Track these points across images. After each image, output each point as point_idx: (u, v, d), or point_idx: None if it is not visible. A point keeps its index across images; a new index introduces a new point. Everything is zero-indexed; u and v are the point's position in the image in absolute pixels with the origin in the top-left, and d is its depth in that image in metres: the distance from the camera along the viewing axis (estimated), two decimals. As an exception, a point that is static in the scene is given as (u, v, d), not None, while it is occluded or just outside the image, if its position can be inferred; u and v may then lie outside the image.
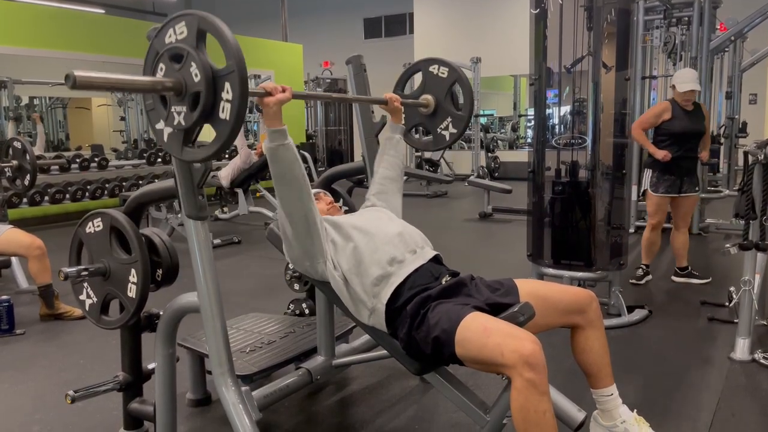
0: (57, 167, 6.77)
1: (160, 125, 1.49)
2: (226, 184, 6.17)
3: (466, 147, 11.02)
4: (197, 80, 1.37)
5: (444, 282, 1.79)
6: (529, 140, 11.04)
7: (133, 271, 1.86)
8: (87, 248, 1.98)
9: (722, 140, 7.22)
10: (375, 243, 1.84)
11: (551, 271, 3.32)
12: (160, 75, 1.43)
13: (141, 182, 7.50)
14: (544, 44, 3.30)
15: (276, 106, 1.64)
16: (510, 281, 1.83)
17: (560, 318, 1.80)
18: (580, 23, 3.15)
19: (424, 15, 12.68)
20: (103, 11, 11.60)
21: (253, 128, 10.50)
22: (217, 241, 5.55)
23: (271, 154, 1.68)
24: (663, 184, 3.87)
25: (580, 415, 1.90)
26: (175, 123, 1.43)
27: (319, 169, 8.77)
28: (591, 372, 1.84)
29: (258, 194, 6.89)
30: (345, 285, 1.82)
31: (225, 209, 6.62)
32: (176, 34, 1.41)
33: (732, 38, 5.92)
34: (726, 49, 6.96)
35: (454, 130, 2.33)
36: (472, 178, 8.03)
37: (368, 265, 1.79)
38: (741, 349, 2.78)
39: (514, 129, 12.89)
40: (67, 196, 6.90)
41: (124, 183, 7.48)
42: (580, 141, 3.26)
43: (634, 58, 5.67)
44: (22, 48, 6.85)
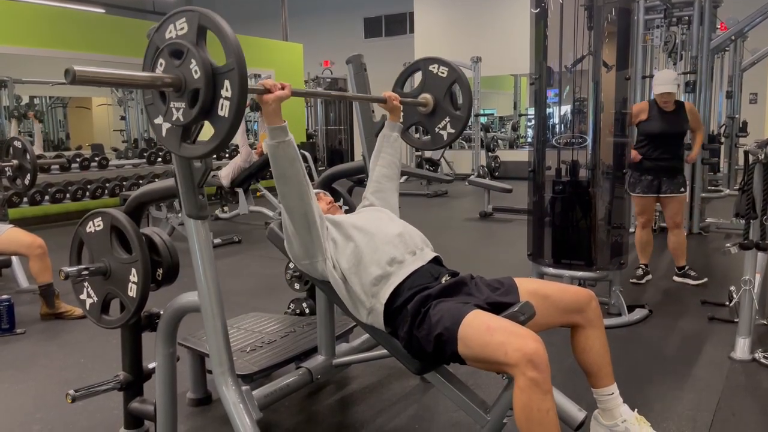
0: (57, 167, 6.77)
1: (159, 120, 1.49)
2: (227, 184, 6.17)
3: (467, 146, 11.02)
4: (197, 77, 1.36)
5: (444, 281, 1.79)
6: (530, 140, 11.03)
7: (134, 271, 1.86)
8: (87, 248, 1.98)
9: (722, 140, 7.22)
10: (375, 243, 1.84)
11: (551, 271, 3.32)
12: (160, 70, 1.43)
13: (141, 182, 7.50)
14: (545, 43, 3.30)
15: (275, 103, 1.63)
16: (510, 280, 1.83)
17: (560, 317, 1.80)
18: (581, 22, 3.15)
19: (425, 14, 12.68)
20: (104, 11, 11.60)
21: (254, 127, 10.50)
22: (218, 241, 5.55)
23: (272, 152, 1.68)
24: (639, 185, 3.91)
25: (581, 415, 1.90)
26: (174, 119, 1.43)
27: (320, 169, 8.76)
28: (591, 371, 1.84)
29: (258, 194, 6.89)
30: (344, 284, 1.82)
31: (225, 209, 6.63)
32: (177, 30, 1.41)
33: (732, 38, 5.91)
34: (726, 49, 6.95)
35: (452, 130, 2.33)
36: (473, 178, 8.03)
37: (368, 265, 1.80)
38: (741, 349, 2.78)
39: (515, 128, 12.88)
40: (68, 196, 6.90)
41: (125, 182, 7.48)
42: (581, 140, 3.25)
43: (635, 58, 5.67)
44: (23, 47, 6.86)
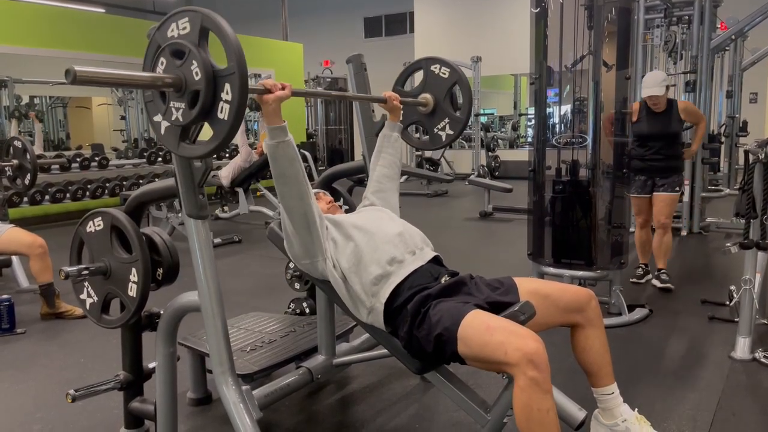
0: (57, 166, 6.77)
1: (158, 118, 1.49)
2: (227, 184, 6.17)
3: (467, 146, 11.02)
4: (197, 79, 1.36)
5: (444, 281, 1.79)
6: (530, 139, 11.02)
7: (134, 270, 1.86)
8: (88, 247, 1.98)
9: (723, 139, 7.22)
10: (375, 242, 1.84)
11: (552, 270, 3.32)
12: (161, 69, 1.43)
13: (141, 181, 7.50)
14: (545, 43, 3.30)
15: (275, 104, 1.64)
16: (510, 280, 1.83)
17: (560, 317, 1.80)
18: (581, 22, 3.15)
19: (425, 14, 12.68)
20: (104, 10, 11.59)
21: (254, 127, 10.50)
22: (218, 240, 5.55)
23: (272, 152, 1.68)
24: (634, 185, 3.90)
25: (581, 414, 1.91)
26: (173, 119, 1.43)
27: (320, 168, 8.76)
28: (591, 371, 1.84)
29: (258, 193, 6.89)
30: (344, 284, 1.82)
31: (225, 208, 6.63)
32: (179, 29, 1.41)
33: (732, 37, 5.91)
34: (726, 48, 6.95)
35: (451, 132, 2.34)
36: (473, 177, 8.04)
37: (368, 264, 1.80)
38: (741, 348, 2.78)
39: (515, 128, 12.88)
40: (68, 196, 6.90)
41: (125, 182, 7.48)
42: (581, 140, 3.25)
43: (635, 57, 5.66)
44: (23, 47, 6.86)
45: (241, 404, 1.69)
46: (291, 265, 2.85)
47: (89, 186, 7.10)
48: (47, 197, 6.76)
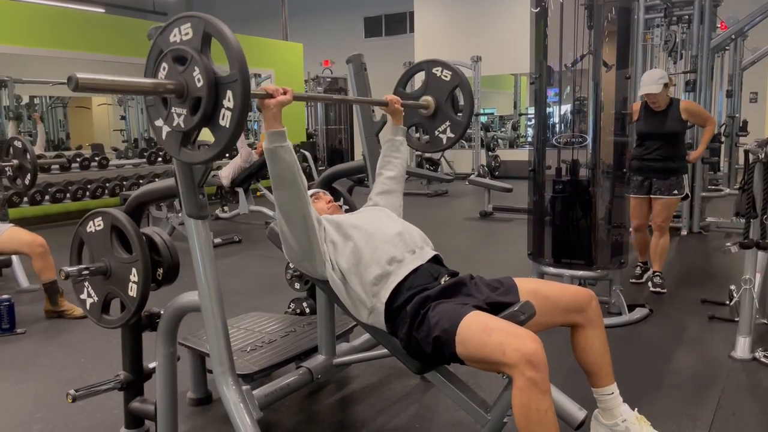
0: (57, 166, 6.76)
1: (159, 123, 1.49)
2: (227, 183, 6.17)
3: (467, 146, 11.02)
4: (199, 85, 1.36)
5: (443, 282, 1.79)
6: (530, 139, 11.01)
7: (134, 270, 1.86)
8: (88, 247, 1.98)
9: (723, 139, 7.22)
10: (374, 242, 1.84)
11: (552, 270, 3.32)
12: (163, 74, 1.43)
13: (141, 181, 7.50)
14: (545, 43, 3.30)
15: (276, 108, 1.64)
16: (510, 280, 1.83)
17: (560, 317, 1.80)
18: (581, 22, 3.15)
19: (425, 14, 12.68)
20: (103, 10, 11.60)
21: (253, 127, 10.49)
22: (218, 240, 5.55)
23: (270, 155, 1.68)
24: (632, 185, 3.82)
25: (581, 414, 1.91)
26: (174, 124, 1.43)
27: (320, 168, 8.75)
28: (591, 371, 1.84)
29: (258, 193, 6.89)
30: (344, 285, 1.82)
31: (225, 208, 6.62)
32: (181, 35, 1.41)
33: (732, 37, 5.91)
34: (726, 48, 6.94)
35: (452, 135, 2.35)
36: (473, 177, 8.04)
37: (367, 264, 1.80)
38: (741, 348, 2.78)
39: (515, 128, 12.88)
40: (68, 196, 6.90)
41: (125, 182, 7.48)
42: (581, 140, 3.26)
43: (635, 57, 5.66)
44: (22, 47, 6.85)
45: (242, 404, 1.69)
46: (291, 265, 2.84)
47: (89, 186, 7.10)
48: (47, 197, 6.75)
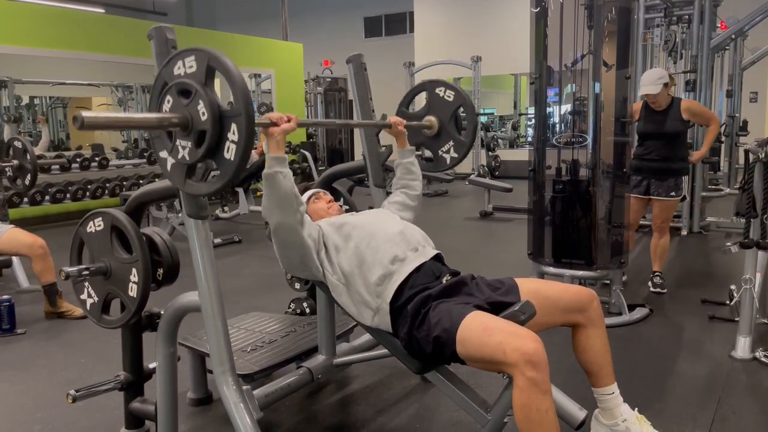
0: (57, 167, 6.76)
1: (164, 154, 1.48)
2: (227, 184, 6.16)
3: (467, 146, 11.00)
4: (204, 119, 1.37)
5: (445, 281, 1.79)
6: (530, 139, 11.01)
7: (134, 271, 1.86)
8: (88, 248, 1.98)
9: (723, 138, 7.22)
10: (377, 242, 1.84)
11: (552, 270, 3.32)
12: (167, 107, 1.43)
13: (142, 182, 7.49)
14: (545, 43, 3.30)
15: (280, 136, 1.67)
16: (510, 280, 1.83)
17: (561, 317, 1.80)
18: (581, 22, 3.15)
19: (425, 14, 12.67)
20: (103, 11, 11.60)
21: (253, 127, 10.47)
22: (218, 241, 5.55)
23: (269, 180, 1.69)
24: (630, 183, 3.75)
25: (582, 414, 1.91)
26: (179, 157, 1.44)
27: (320, 168, 8.76)
28: (592, 371, 1.85)
29: (259, 193, 6.89)
30: (346, 289, 1.83)
31: (225, 208, 6.62)
32: (185, 67, 1.41)
33: (732, 36, 5.91)
34: (726, 48, 6.95)
35: (455, 155, 2.37)
36: (473, 177, 8.03)
37: (371, 266, 1.80)
38: (742, 348, 2.78)
39: (515, 128, 12.87)
40: (68, 196, 6.90)
41: (125, 182, 7.48)
42: (581, 140, 3.25)
43: (635, 57, 5.67)
44: (22, 48, 6.85)
45: (242, 404, 1.69)
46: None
47: (89, 186, 7.10)
48: (47, 197, 6.75)
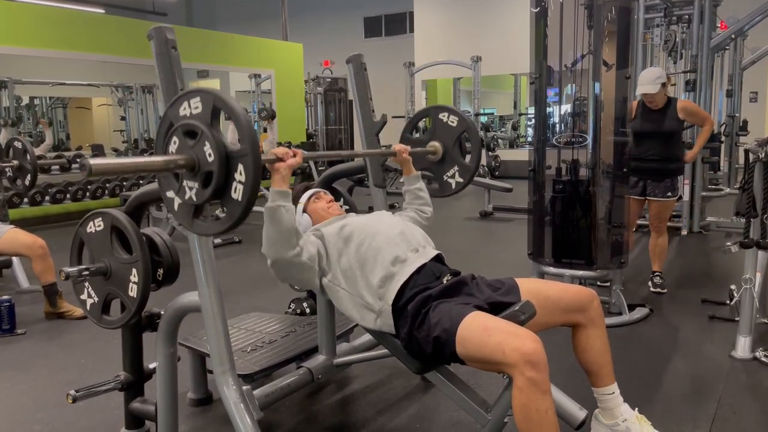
0: (58, 167, 6.77)
1: (171, 194, 1.48)
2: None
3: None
4: (211, 160, 1.36)
5: (445, 281, 1.79)
6: (530, 139, 11.01)
7: (134, 271, 1.86)
8: (88, 248, 1.98)
9: (723, 138, 7.22)
10: (377, 243, 1.84)
11: (552, 270, 3.32)
12: (173, 147, 1.43)
13: (142, 182, 7.50)
14: (545, 43, 3.30)
15: (286, 170, 1.67)
16: (511, 280, 1.83)
17: (561, 316, 1.80)
18: (581, 21, 3.15)
19: (425, 14, 12.68)
20: (103, 11, 11.60)
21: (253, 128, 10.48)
22: (218, 241, 5.54)
23: (271, 214, 1.69)
24: (628, 185, 3.72)
25: (582, 414, 1.91)
26: (186, 198, 1.43)
27: (320, 168, 8.75)
28: (592, 370, 1.85)
29: (259, 193, 6.88)
30: (347, 293, 1.82)
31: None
32: (191, 108, 1.41)
33: (732, 36, 5.91)
34: (726, 47, 6.95)
35: (461, 180, 2.36)
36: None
37: (372, 267, 1.80)
38: (742, 348, 2.78)
39: (515, 128, 12.87)
40: (68, 196, 6.91)
41: (125, 183, 7.49)
42: (581, 139, 3.25)
43: (635, 57, 5.67)
44: (23, 48, 6.85)
45: (242, 404, 1.69)
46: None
47: (89, 186, 7.10)
48: (47, 198, 6.76)
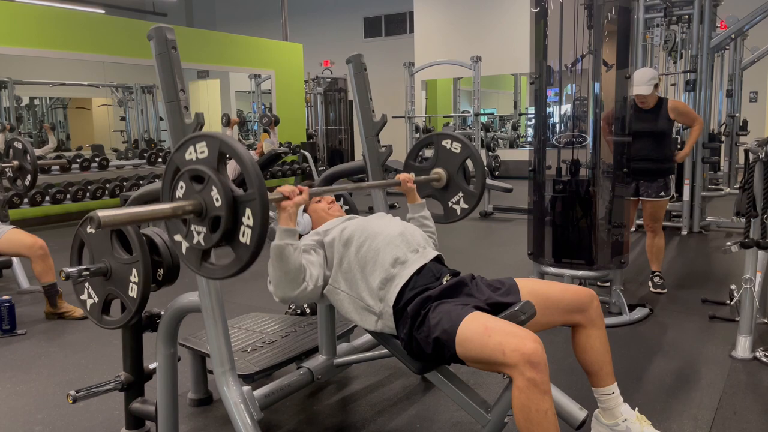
0: (58, 167, 6.77)
1: (179, 238, 1.48)
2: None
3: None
4: (218, 204, 1.37)
5: (445, 282, 1.79)
6: (530, 139, 11.02)
7: (134, 271, 1.86)
8: (88, 248, 1.98)
9: (723, 138, 7.23)
10: (377, 244, 1.84)
11: (552, 270, 3.32)
12: (180, 192, 1.43)
13: (142, 182, 7.50)
14: (545, 43, 3.30)
15: (293, 209, 1.68)
16: (511, 280, 1.83)
17: (561, 317, 1.80)
18: (581, 21, 3.15)
19: (425, 14, 12.68)
20: (103, 11, 11.60)
21: (253, 128, 10.50)
22: (218, 241, 5.54)
23: (277, 253, 1.68)
24: None
25: (582, 414, 1.91)
26: (195, 242, 1.43)
27: (320, 169, 8.76)
28: (592, 371, 1.85)
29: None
30: (348, 296, 1.82)
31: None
32: (197, 153, 1.42)
33: (732, 36, 5.91)
34: (726, 47, 6.95)
35: (466, 206, 2.37)
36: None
37: (372, 269, 1.80)
38: (742, 347, 2.78)
39: (515, 128, 12.88)
40: (68, 197, 6.91)
41: (125, 183, 7.48)
42: (581, 139, 3.25)
43: (635, 57, 5.66)
44: (23, 48, 6.86)
45: (242, 404, 1.69)
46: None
47: (89, 187, 7.10)
48: (48, 198, 6.76)
